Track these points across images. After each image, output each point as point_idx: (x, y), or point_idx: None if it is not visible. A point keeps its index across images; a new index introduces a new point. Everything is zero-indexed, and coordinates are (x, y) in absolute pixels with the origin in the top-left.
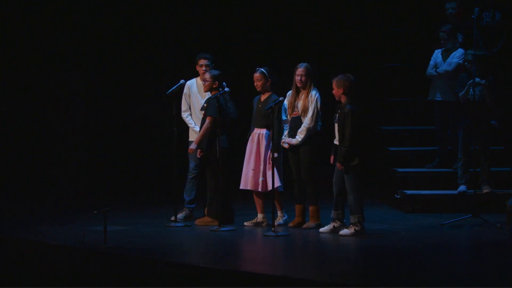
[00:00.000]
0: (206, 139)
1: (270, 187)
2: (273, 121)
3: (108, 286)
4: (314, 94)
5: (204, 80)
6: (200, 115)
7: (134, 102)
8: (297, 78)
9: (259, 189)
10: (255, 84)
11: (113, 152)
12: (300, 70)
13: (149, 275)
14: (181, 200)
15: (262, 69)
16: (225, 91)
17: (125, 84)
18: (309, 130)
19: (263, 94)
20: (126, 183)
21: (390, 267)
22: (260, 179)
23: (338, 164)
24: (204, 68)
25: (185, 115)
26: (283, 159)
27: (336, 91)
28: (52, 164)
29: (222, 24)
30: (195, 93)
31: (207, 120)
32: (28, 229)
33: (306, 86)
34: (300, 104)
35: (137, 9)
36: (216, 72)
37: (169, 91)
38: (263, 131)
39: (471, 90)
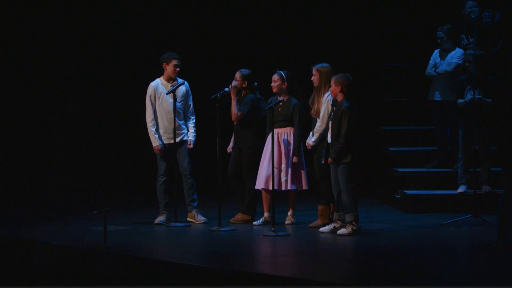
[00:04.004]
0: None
1: (289, 187)
2: (292, 122)
3: (108, 286)
4: (326, 96)
5: (235, 79)
6: (168, 116)
7: (134, 102)
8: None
9: (282, 188)
10: (272, 85)
11: (113, 152)
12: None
13: (149, 275)
14: (181, 201)
15: (281, 72)
16: (225, 91)
17: (126, 83)
18: (320, 132)
19: (281, 96)
20: (126, 183)
21: (389, 267)
22: (283, 178)
23: (329, 159)
24: (177, 69)
25: (150, 124)
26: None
27: (334, 88)
28: (52, 163)
29: (222, 25)
30: (161, 94)
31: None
32: (28, 229)
33: (320, 88)
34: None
35: (138, 8)
36: (246, 71)
37: (169, 91)
38: (283, 130)
39: (470, 93)
